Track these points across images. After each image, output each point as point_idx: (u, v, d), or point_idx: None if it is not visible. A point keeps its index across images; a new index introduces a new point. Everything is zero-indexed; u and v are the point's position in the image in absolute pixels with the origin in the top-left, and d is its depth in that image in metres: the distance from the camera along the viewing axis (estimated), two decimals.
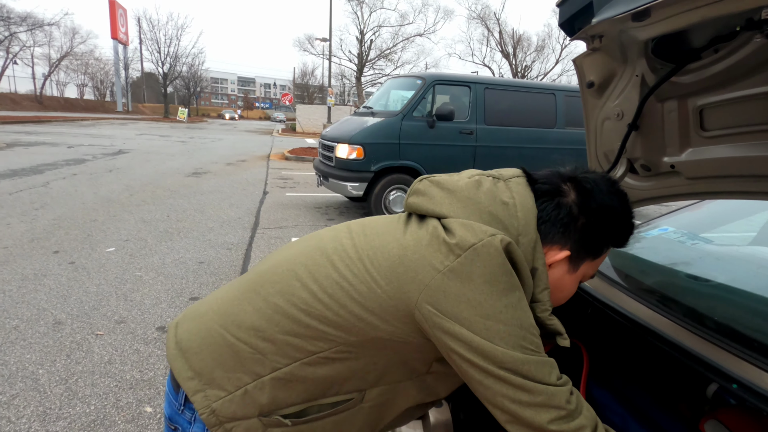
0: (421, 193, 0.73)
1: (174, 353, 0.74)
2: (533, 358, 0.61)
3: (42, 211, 5.21)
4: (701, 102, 0.91)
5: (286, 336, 0.67)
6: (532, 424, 0.60)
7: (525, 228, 0.68)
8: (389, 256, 0.66)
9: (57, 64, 44.15)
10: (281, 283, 0.71)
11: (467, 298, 0.60)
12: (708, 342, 0.89)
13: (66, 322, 2.73)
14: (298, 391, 0.69)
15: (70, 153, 10.64)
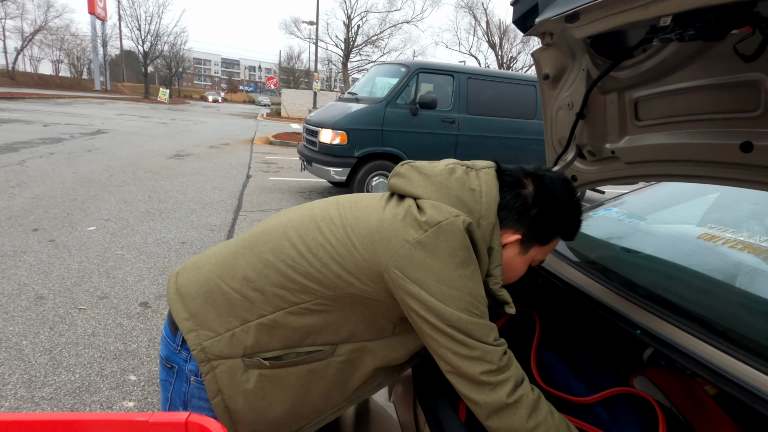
0: (401, 176, 0.85)
1: (174, 297, 0.84)
2: (476, 320, 0.72)
3: (19, 189, 5.14)
4: (636, 95, 1.04)
5: (273, 288, 0.78)
6: (467, 374, 0.72)
7: (486, 212, 0.80)
8: (368, 225, 0.77)
9: (30, 38, 42.34)
10: (273, 242, 0.81)
11: (429, 266, 0.71)
12: (637, 306, 1.03)
13: (48, 296, 2.77)
14: (278, 338, 0.79)
15: (46, 131, 10.36)
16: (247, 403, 0.81)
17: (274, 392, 0.82)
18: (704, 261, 1.10)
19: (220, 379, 0.79)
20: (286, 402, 0.83)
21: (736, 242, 1.08)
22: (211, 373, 0.79)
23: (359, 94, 5.95)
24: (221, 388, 0.80)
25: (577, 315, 1.31)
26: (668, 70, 0.93)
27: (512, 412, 0.71)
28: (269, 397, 0.82)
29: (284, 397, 0.82)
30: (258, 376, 0.80)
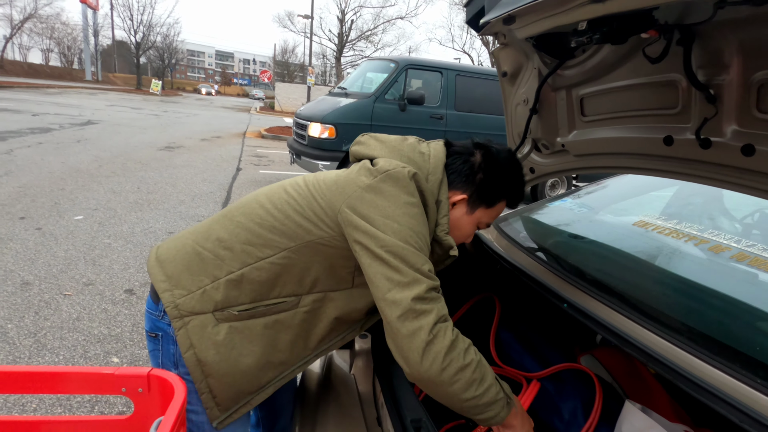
0: (361, 143, 0.97)
1: (153, 264, 0.91)
2: (413, 249, 0.78)
3: (6, 178, 5.14)
4: (582, 92, 1.12)
5: (242, 245, 0.86)
6: (397, 299, 0.75)
7: (434, 169, 0.91)
8: (327, 181, 0.89)
9: (20, 26, 41.63)
10: (244, 207, 0.91)
11: (375, 204, 0.81)
12: (583, 292, 1.11)
13: (34, 283, 2.81)
14: (246, 292, 0.86)
15: (35, 121, 10.27)
16: (218, 354, 0.85)
17: (244, 343, 0.86)
18: (634, 245, 1.19)
19: (192, 333, 0.84)
20: (256, 352, 0.87)
21: (665, 228, 1.18)
22: (183, 328, 0.84)
23: (349, 89, 6.00)
24: (193, 342, 0.84)
25: (536, 299, 1.40)
26: (606, 70, 1.01)
27: (432, 346, 0.74)
28: (239, 347, 0.86)
29: (253, 347, 0.87)
30: (228, 328, 0.85)
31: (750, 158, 0.78)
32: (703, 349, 0.72)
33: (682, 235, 1.12)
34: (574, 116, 1.17)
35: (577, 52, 1.03)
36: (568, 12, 0.72)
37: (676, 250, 1.08)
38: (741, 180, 0.81)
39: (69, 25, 51.18)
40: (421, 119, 5.61)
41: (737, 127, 0.79)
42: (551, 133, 1.25)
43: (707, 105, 0.80)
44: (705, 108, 0.81)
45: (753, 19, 0.67)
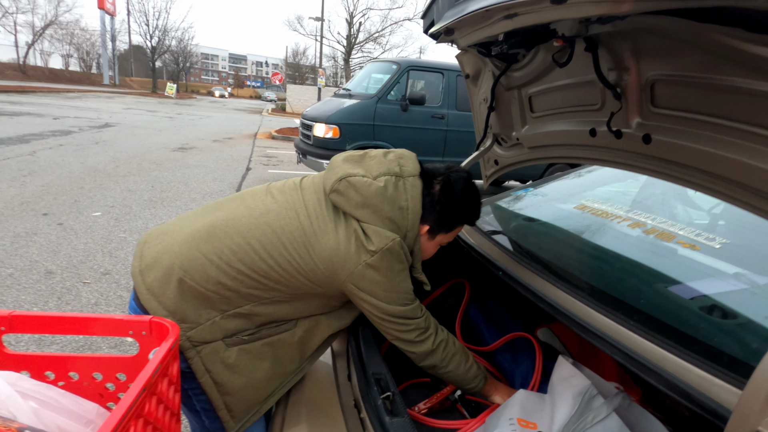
0: (341, 194, 0.95)
1: (147, 296, 0.93)
2: (410, 307, 1.00)
3: (30, 177, 5.45)
4: (530, 91, 1.27)
5: (248, 289, 0.93)
6: (407, 339, 1.03)
7: (412, 226, 1.00)
8: (327, 248, 0.93)
9: (41, 32, 43.00)
10: (241, 254, 0.92)
11: (376, 281, 0.94)
12: (533, 273, 1.25)
13: (56, 272, 3.05)
14: (253, 321, 0.97)
15: (56, 124, 10.71)
16: (232, 374, 0.95)
17: (253, 361, 0.98)
18: (570, 225, 1.34)
19: (206, 360, 0.93)
20: (264, 367, 0.99)
21: (601, 211, 1.32)
22: (197, 357, 0.92)
23: (353, 90, 6.18)
24: (208, 368, 0.94)
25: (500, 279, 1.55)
26: (545, 72, 1.16)
27: (435, 353, 1.05)
28: (250, 366, 0.97)
29: (262, 363, 0.99)
30: (238, 350, 0.95)
31: (648, 146, 0.92)
32: (596, 301, 0.87)
33: (609, 215, 1.26)
34: (525, 113, 1.32)
35: (520, 57, 1.18)
36: (489, 26, 0.88)
37: (601, 227, 1.22)
38: (644, 164, 0.96)
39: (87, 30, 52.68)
40: (423, 119, 5.76)
41: (640, 120, 0.94)
42: (508, 127, 1.40)
43: (615, 101, 0.95)
44: (613, 104, 0.96)
45: (631, 31, 0.81)
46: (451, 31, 1.00)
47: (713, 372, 0.66)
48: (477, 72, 1.40)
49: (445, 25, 0.95)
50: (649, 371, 0.69)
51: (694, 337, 0.74)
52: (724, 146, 0.77)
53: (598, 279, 1.06)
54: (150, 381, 0.69)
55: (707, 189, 0.84)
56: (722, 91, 0.74)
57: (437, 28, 0.99)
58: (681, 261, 1.01)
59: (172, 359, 0.83)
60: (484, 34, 0.92)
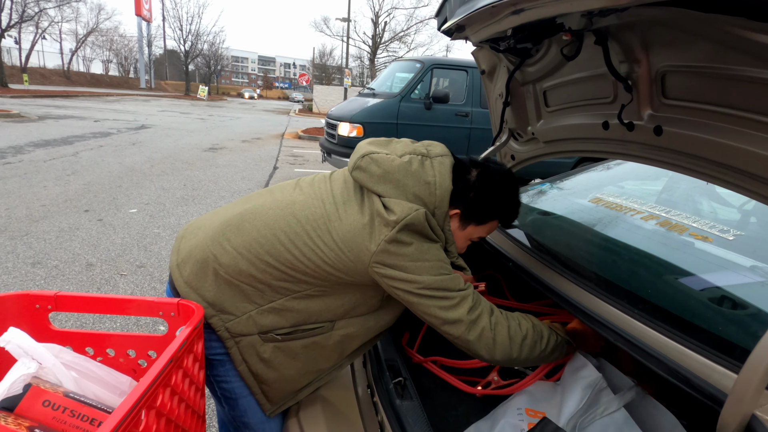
0: (362, 170, 0.93)
1: (187, 290, 0.96)
2: (447, 277, 0.89)
3: (73, 177, 5.78)
4: (545, 86, 1.28)
5: (278, 282, 0.93)
6: (455, 318, 0.88)
7: (440, 203, 0.92)
8: (351, 229, 0.89)
9: (83, 39, 45.28)
10: (268, 246, 0.92)
11: (402, 253, 0.86)
12: (542, 264, 1.26)
13: (96, 264, 3.25)
14: (287, 318, 0.95)
15: (96, 126, 11.29)
16: (266, 367, 0.98)
17: (287, 359, 0.99)
18: (583, 217, 1.33)
19: (244, 351, 0.96)
20: (297, 366, 1.00)
21: (615, 204, 1.31)
22: (235, 347, 0.96)
23: (377, 89, 6.24)
24: (245, 359, 0.97)
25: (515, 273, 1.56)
26: (558, 66, 1.17)
27: (499, 337, 0.90)
28: (283, 363, 0.99)
29: (295, 362, 1.00)
30: (273, 348, 0.96)
31: (660, 137, 0.92)
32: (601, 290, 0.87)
33: (624, 208, 1.25)
34: (540, 107, 1.33)
35: (533, 52, 1.19)
36: (497, 22, 0.90)
37: (614, 219, 1.22)
38: (656, 156, 0.96)
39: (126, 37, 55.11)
40: (447, 117, 5.75)
41: (651, 112, 0.94)
42: (523, 122, 1.41)
43: (626, 93, 0.95)
44: (624, 96, 0.96)
45: (638, 23, 0.82)
46: (463, 28, 1.03)
47: (716, 360, 0.66)
48: (492, 68, 1.42)
49: (455, 21, 0.98)
50: (651, 357, 0.70)
51: (699, 326, 0.74)
52: (734, 136, 0.77)
53: (605, 270, 1.06)
54: (176, 354, 0.75)
55: (719, 180, 0.83)
56: (730, 81, 0.74)
57: (449, 24, 1.02)
58: (691, 252, 1.00)
59: (197, 338, 0.90)
60: (494, 29, 0.95)
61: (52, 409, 0.70)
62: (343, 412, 1.10)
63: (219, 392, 1.06)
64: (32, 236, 3.66)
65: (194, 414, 0.89)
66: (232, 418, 1.09)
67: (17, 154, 6.92)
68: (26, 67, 32.79)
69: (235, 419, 1.08)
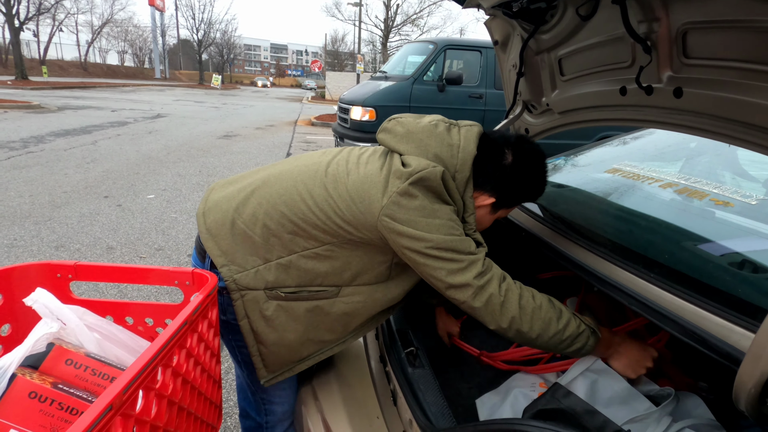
0: (388, 131, 0.95)
1: (206, 236, 0.99)
2: (458, 238, 0.85)
3: (93, 164, 5.91)
4: (560, 53, 1.24)
5: (288, 234, 0.93)
6: (462, 282, 0.84)
7: (462, 167, 0.91)
8: (361, 176, 0.89)
9: (99, 31, 45.79)
10: (286, 195, 0.94)
11: (412, 207, 0.84)
12: (555, 233, 1.25)
13: (116, 248, 3.33)
14: (293, 276, 0.95)
15: (113, 116, 11.47)
16: (267, 326, 0.98)
17: (289, 320, 0.98)
18: (599, 188, 1.30)
19: (247, 305, 0.96)
20: (298, 330, 0.99)
21: (633, 174, 1.27)
22: (240, 300, 0.96)
23: (389, 72, 6.17)
24: (247, 313, 0.97)
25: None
26: (574, 31, 1.13)
27: (508, 305, 0.85)
28: (284, 324, 0.98)
29: (296, 325, 0.98)
30: (276, 306, 0.96)
31: (680, 99, 0.89)
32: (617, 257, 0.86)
33: (641, 177, 1.21)
34: (554, 76, 1.29)
35: (548, 17, 1.15)
36: None
37: (630, 188, 1.18)
38: (676, 120, 0.92)
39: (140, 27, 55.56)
40: (460, 99, 5.67)
41: (671, 73, 0.90)
42: (537, 93, 1.38)
43: (645, 55, 0.92)
44: (643, 58, 0.92)
45: None
46: None
47: (734, 321, 0.65)
48: (506, 37, 1.38)
49: None
50: (667, 320, 0.68)
51: (717, 288, 0.73)
52: (759, 93, 0.74)
53: (621, 236, 1.04)
54: (190, 317, 0.77)
55: (741, 141, 0.80)
56: (756, 34, 0.71)
57: None
58: (710, 217, 0.97)
59: (212, 305, 0.92)
60: None
61: (74, 367, 0.73)
62: (356, 381, 1.12)
63: (240, 357, 1.08)
64: (55, 221, 3.77)
65: (210, 378, 0.91)
66: (250, 382, 1.12)
67: (39, 143, 7.09)
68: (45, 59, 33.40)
69: (253, 383, 1.11)
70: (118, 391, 0.54)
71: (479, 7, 1.25)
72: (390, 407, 1.03)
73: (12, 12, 21.42)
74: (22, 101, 12.64)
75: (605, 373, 0.87)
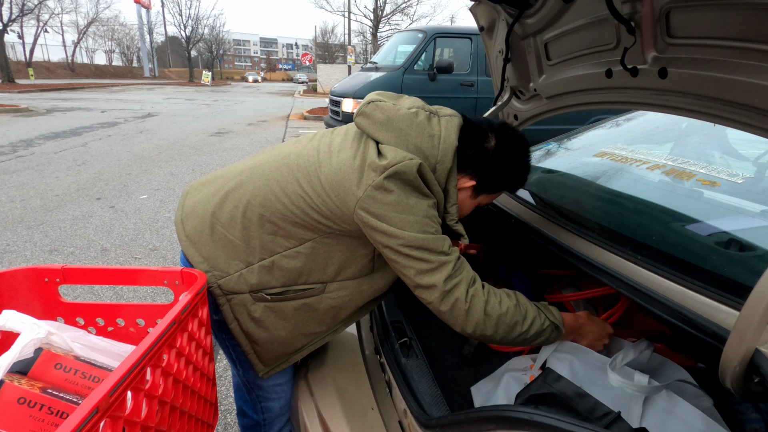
0: (366, 116, 0.90)
1: (186, 243, 0.98)
2: (432, 236, 0.83)
3: (84, 166, 5.86)
4: (545, 37, 1.23)
5: (269, 236, 0.92)
6: (430, 283, 0.83)
7: (443, 158, 0.88)
8: (335, 167, 0.86)
9: (84, 30, 45.12)
10: (261, 197, 0.92)
11: (387, 202, 0.82)
12: (544, 218, 1.24)
13: (111, 249, 3.31)
14: (277, 277, 0.94)
15: (103, 117, 11.35)
16: (257, 327, 0.98)
17: (278, 320, 0.98)
18: (587, 172, 1.30)
19: (235, 309, 0.97)
20: (288, 327, 0.99)
21: (620, 156, 1.27)
22: (227, 304, 0.96)
23: (380, 63, 6.12)
24: (236, 317, 0.97)
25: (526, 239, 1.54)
26: (558, 15, 1.12)
27: (473, 310, 0.83)
28: (274, 323, 0.98)
29: (286, 323, 0.99)
30: (263, 307, 0.96)
31: (665, 80, 0.88)
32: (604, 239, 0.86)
33: (629, 160, 1.21)
34: (541, 61, 1.28)
35: (531, 1, 1.14)
36: None
37: (618, 171, 1.18)
38: (662, 101, 0.92)
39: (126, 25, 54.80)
40: (452, 87, 5.64)
41: (656, 54, 0.90)
42: (525, 79, 1.37)
43: (629, 36, 0.91)
44: (627, 39, 0.92)
45: None
46: None
47: (720, 299, 0.65)
48: (491, 23, 1.37)
49: None
50: (653, 300, 0.68)
51: (703, 268, 0.73)
52: (742, 71, 0.73)
53: (608, 219, 1.04)
54: (179, 317, 0.77)
55: (726, 120, 0.80)
56: (738, 11, 0.70)
57: None
58: (697, 197, 0.97)
59: (201, 303, 0.91)
60: None
61: (64, 371, 0.73)
62: (351, 374, 1.12)
63: (234, 355, 1.09)
64: (48, 225, 3.74)
65: (203, 376, 0.91)
66: (246, 381, 1.12)
67: (28, 147, 7.02)
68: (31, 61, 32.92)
69: (248, 382, 1.11)
70: (104, 394, 0.54)
71: None
72: (385, 398, 1.04)
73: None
74: (10, 105, 12.47)
75: (577, 351, 0.90)
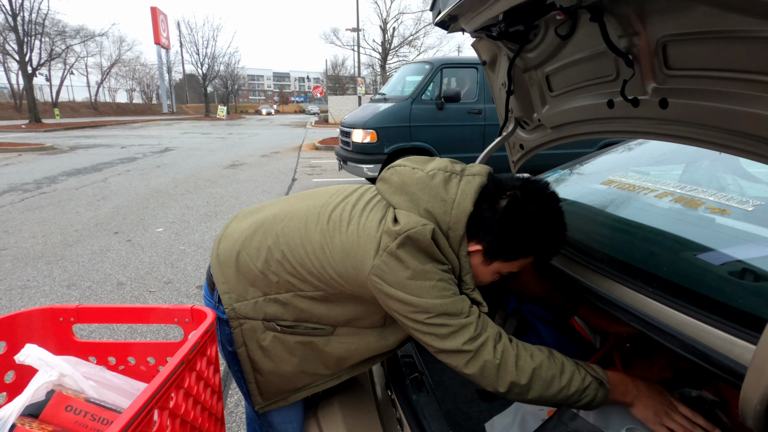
0: (384, 181, 0.93)
1: (215, 262, 1.03)
2: (450, 300, 0.80)
3: (103, 201, 6.03)
4: (546, 70, 1.25)
5: (287, 275, 0.94)
6: (453, 348, 0.79)
7: (455, 225, 0.84)
8: (362, 236, 0.85)
9: (108, 71, 47.44)
10: (289, 237, 0.95)
11: (401, 269, 0.80)
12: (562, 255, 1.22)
13: (126, 283, 3.36)
14: (290, 312, 0.97)
15: (123, 153, 11.76)
16: (264, 356, 1.00)
17: (284, 353, 0.99)
18: (594, 200, 1.29)
19: (245, 334, 0.99)
20: (293, 362, 1.00)
21: (628, 185, 1.26)
22: (239, 328, 0.99)
23: (388, 93, 6.27)
24: (245, 342, 0.99)
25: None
26: (558, 49, 1.15)
27: (504, 370, 0.78)
28: (280, 355, 0.99)
29: (292, 358, 1.00)
30: (272, 337, 0.98)
31: (666, 110, 0.89)
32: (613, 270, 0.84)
33: (637, 188, 1.20)
34: (544, 92, 1.31)
35: (531, 36, 1.17)
36: (488, 8, 0.89)
37: (626, 199, 1.17)
38: (664, 130, 0.92)
39: (147, 65, 57.45)
40: (460, 115, 5.72)
41: (655, 85, 0.91)
42: (528, 110, 1.39)
43: (627, 69, 0.92)
44: (626, 72, 0.93)
45: None
46: (456, 18, 1.02)
47: (736, 333, 0.63)
48: (493, 58, 1.40)
49: (447, 12, 0.98)
50: (667, 335, 0.67)
51: (716, 300, 0.71)
52: (740, 101, 0.74)
53: (617, 249, 1.02)
54: (187, 357, 0.77)
55: (729, 148, 0.80)
56: (733, 44, 0.71)
57: (442, 16, 1.02)
58: (707, 225, 0.95)
59: (210, 341, 0.92)
60: (486, 16, 0.94)
61: (74, 413, 0.73)
62: (361, 412, 1.10)
63: (246, 387, 1.08)
64: (67, 260, 3.83)
65: (211, 416, 0.90)
66: (257, 416, 1.11)
67: (51, 183, 7.28)
68: (57, 102, 34.60)
69: (259, 416, 1.10)
70: None
71: (463, 31, 1.28)
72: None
73: (25, 59, 22.33)
74: (36, 143, 13.05)
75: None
